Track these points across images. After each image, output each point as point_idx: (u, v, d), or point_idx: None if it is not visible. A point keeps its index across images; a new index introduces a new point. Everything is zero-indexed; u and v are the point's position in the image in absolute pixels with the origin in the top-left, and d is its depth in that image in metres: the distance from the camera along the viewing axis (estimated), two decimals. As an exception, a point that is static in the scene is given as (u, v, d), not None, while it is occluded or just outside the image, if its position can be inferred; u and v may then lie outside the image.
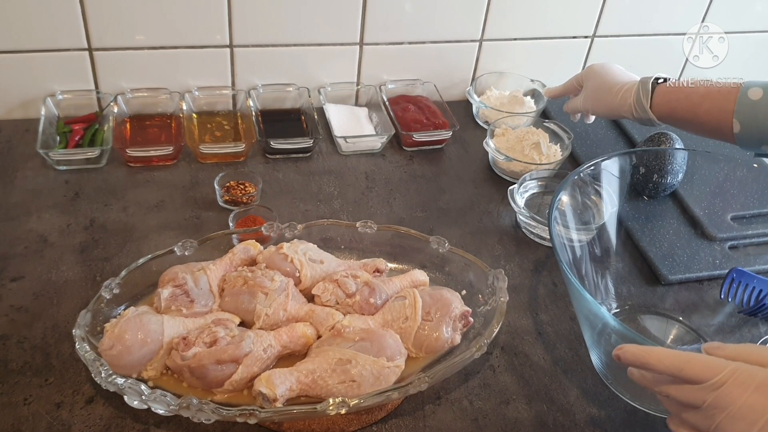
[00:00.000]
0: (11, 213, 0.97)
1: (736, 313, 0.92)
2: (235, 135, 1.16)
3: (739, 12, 1.39)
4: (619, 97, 1.00)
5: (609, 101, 1.02)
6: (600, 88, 1.04)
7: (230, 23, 1.13)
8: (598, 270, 0.95)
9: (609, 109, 1.04)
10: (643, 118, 0.99)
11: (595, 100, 1.06)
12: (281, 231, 0.90)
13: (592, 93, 1.06)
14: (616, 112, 1.03)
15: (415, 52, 1.26)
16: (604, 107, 1.05)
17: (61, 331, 0.81)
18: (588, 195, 0.97)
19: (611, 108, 1.03)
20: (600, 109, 1.06)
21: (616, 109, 1.02)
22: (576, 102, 1.11)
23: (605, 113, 1.06)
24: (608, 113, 1.05)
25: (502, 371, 0.84)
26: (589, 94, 1.07)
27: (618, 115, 1.03)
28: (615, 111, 1.02)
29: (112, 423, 0.73)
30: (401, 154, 1.19)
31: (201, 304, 0.79)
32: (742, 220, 1.06)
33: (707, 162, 1.04)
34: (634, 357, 0.60)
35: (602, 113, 1.07)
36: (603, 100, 1.04)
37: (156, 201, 1.02)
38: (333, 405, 0.70)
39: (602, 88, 1.04)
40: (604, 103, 1.04)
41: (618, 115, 1.03)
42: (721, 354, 0.59)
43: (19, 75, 1.10)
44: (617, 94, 1.01)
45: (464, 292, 0.87)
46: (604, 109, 1.05)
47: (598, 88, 1.05)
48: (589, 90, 1.07)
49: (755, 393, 0.54)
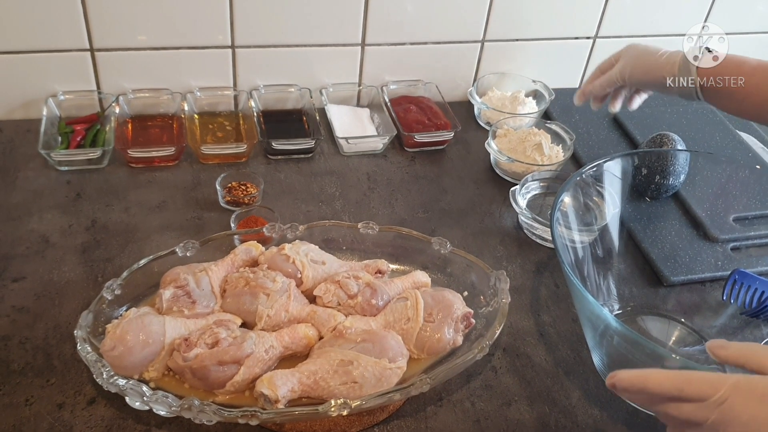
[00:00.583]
0: (13, 213, 0.97)
1: (738, 315, 0.92)
2: (236, 136, 1.16)
3: (741, 12, 1.39)
4: (664, 58, 0.95)
5: (652, 61, 0.96)
6: (642, 52, 0.99)
7: (232, 24, 1.13)
8: (600, 271, 0.94)
9: (649, 71, 0.97)
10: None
11: (634, 64, 0.99)
12: (283, 232, 0.90)
13: (633, 58, 0.99)
14: (657, 74, 0.95)
15: (416, 53, 1.26)
16: (643, 69, 0.97)
17: (62, 332, 0.81)
18: (590, 196, 0.97)
19: (653, 68, 0.96)
20: (639, 71, 0.98)
21: (659, 69, 0.95)
22: (611, 74, 1.02)
23: (643, 76, 0.98)
24: (647, 75, 0.97)
25: (504, 372, 0.84)
26: (628, 60, 1.00)
27: (658, 77, 0.95)
28: (657, 71, 0.95)
29: (113, 424, 0.73)
30: (403, 154, 1.19)
31: (203, 305, 0.79)
32: (745, 222, 1.06)
33: (709, 163, 1.04)
34: (630, 383, 0.57)
35: (640, 76, 0.99)
36: (645, 61, 0.97)
37: (158, 202, 1.02)
38: (335, 406, 0.70)
39: (645, 51, 0.98)
40: (646, 64, 0.97)
41: (658, 77, 0.95)
42: (725, 353, 0.58)
43: (21, 75, 1.10)
44: (662, 56, 0.95)
45: (466, 293, 0.87)
46: (644, 68, 0.97)
47: (640, 53, 0.99)
48: (629, 57, 1.00)
49: (760, 404, 0.52)
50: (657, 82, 0.96)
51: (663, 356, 0.70)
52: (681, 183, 1.07)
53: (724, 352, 0.58)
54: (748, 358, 0.57)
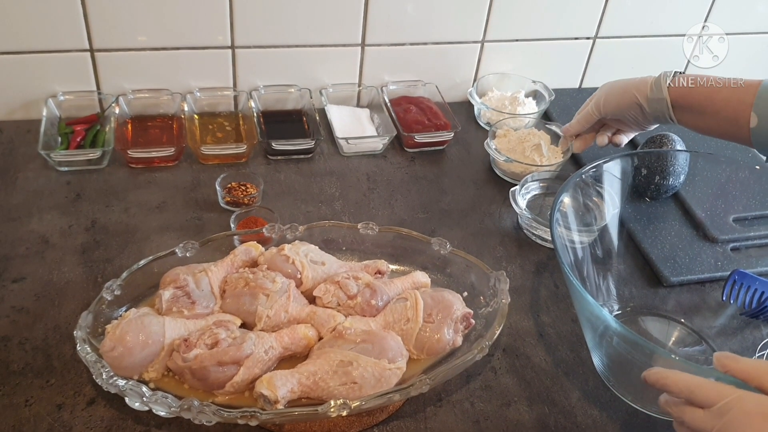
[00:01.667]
0: (12, 214, 0.97)
1: (738, 315, 0.92)
2: (236, 136, 1.16)
3: (741, 13, 1.39)
4: (637, 80, 0.97)
5: (623, 84, 0.99)
6: (616, 83, 1.02)
7: (232, 24, 1.13)
8: (600, 272, 0.94)
9: (622, 92, 0.99)
10: (656, 99, 0.94)
11: (608, 92, 1.02)
12: (282, 232, 0.90)
13: (607, 88, 1.02)
14: (627, 95, 0.98)
15: (416, 54, 1.26)
16: (617, 91, 1.00)
17: (62, 333, 0.81)
18: (590, 196, 0.97)
19: (625, 89, 0.98)
20: (613, 95, 1.01)
21: (631, 89, 0.97)
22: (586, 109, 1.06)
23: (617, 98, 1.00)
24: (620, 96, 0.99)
25: (504, 373, 0.84)
26: (602, 92, 1.03)
27: (628, 98, 0.98)
28: (627, 92, 0.98)
29: (113, 425, 0.73)
30: (403, 155, 1.19)
31: (202, 306, 0.79)
32: (744, 222, 1.06)
33: (709, 164, 1.04)
34: (655, 378, 0.63)
35: (614, 99, 1.01)
36: (617, 86, 1.00)
37: (157, 202, 1.02)
38: (334, 407, 0.70)
39: (619, 82, 1.02)
40: (617, 87, 1.00)
41: (628, 98, 0.98)
42: (735, 366, 0.60)
43: (21, 76, 1.10)
44: (635, 79, 0.98)
45: (466, 293, 0.87)
46: (617, 94, 1.00)
47: (613, 84, 1.02)
48: (604, 89, 1.03)
49: (762, 421, 0.54)
50: (630, 105, 0.98)
51: (662, 357, 0.70)
52: (681, 183, 1.07)
53: (735, 365, 0.60)
54: (759, 377, 0.58)
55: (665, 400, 0.64)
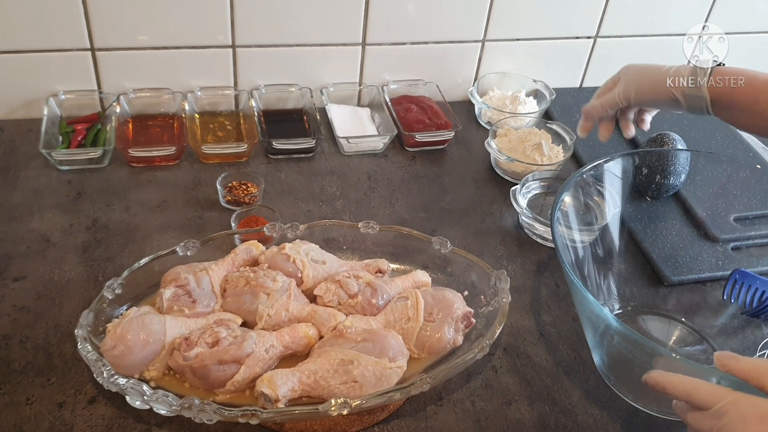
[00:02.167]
0: (14, 213, 0.97)
1: (738, 315, 0.92)
2: (237, 135, 1.16)
3: (741, 12, 1.39)
4: (670, 72, 0.91)
5: (656, 77, 0.93)
6: (645, 70, 0.95)
7: (233, 23, 1.13)
8: (601, 271, 0.94)
9: (656, 88, 0.93)
10: (694, 95, 0.89)
11: (638, 82, 0.95)
12: (283, 231, 0.90)
13: (635, 76, 0.96)
14: (663, 92, 0.92)
15: (417, 53, 1.26)
16: (649, 86, 0.94)
17: (63, 331, 0.81)
18: (590, 196, 0.97)
19: (658, 84, 0.92)
20: (645, 87, 0.94)
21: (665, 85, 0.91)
22: (612, 95, 0.99)
23: (650, 91, 0.94)
24: (654, 91, 0.93)
25: (505, 372, 0.84)
26: (630, 79, 0.96)
27: (665, 94, 0.92)
28: (663, 89, 0.92)
29: (114, 423, 0.73)
30: (403, 154, 1.19)
31: (203, 305, 0.79)
32: (745, 221, 1.06)
33: (710, 163, 1.04)
34: (655, 381, 0.63)
35: (647, 92, 0.95)
36: (650, 79, 0.94)
37: (158, 201, 1.02)
38: (335, 406, 0.70)
39: (648, 69, 0.95)
40: (651, 81, 0.93)
41: (665, 94, 0.92)
42: (735, 365, 0.60)
43: (22, 75, 1.10)
44: (668, 71, 0.92)
45: (466, 292, 0.87)
46: (650, 86, 0.94)
47: (641, 71, 0.96)
48: (631, 76, 0.97)
49: (758, 424, 0.55)
50: (665, 100, 0.93)
51: (663, 356, 0.70)
52: (682, 182, 1.07)
53: (735, 364, 0.60)
54: (759, 376, 0.58)
55: (675, 402, 0.64)
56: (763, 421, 0.55)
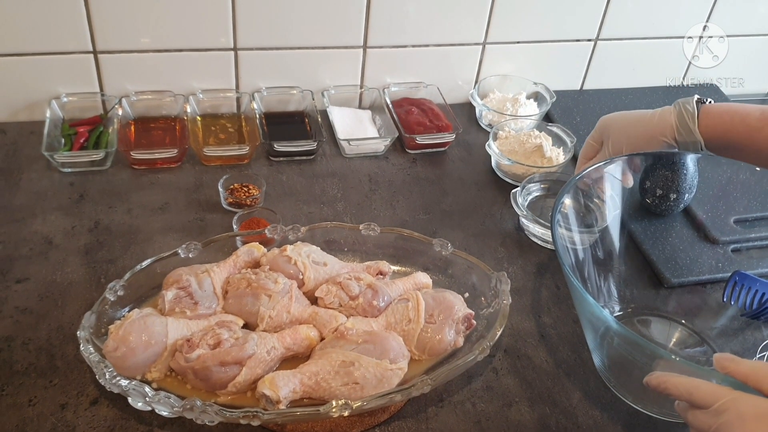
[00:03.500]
0: (16, 215, 0.97)
1: (738, 316, 0.92)
2: (239, 137, 1.16)
3: (741, 14, 1.39)
4: (656, 121, 0.90)
5: (644, 130, 0.92)
6: (628, 124, 0.94)
7: (234, 26, 1.14)
8: (601, 273, 0.95)
9: (649, 138, 0.91)
10: (687, 141, 0.89)
11: (628, 138, 0.93)
12: (285, 233, 0.90)
13: (621, 133, 0.94)
14: (654, 140, 0.91)
15: (418, 55, 1.27)
16: (639, 138, 0.92)
17: (65, 333, 0.82)
18: (591, 198, 0.97)
19: (648, 136, 0.91)
20: (637, 142, 0.93)
21: (656, 135, 0.91)
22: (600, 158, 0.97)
23: (644, 144, 0.93)
24: (647, 143, 0.92)
25: (505, 374, 0.85)
26: (618, 138, 0.94)
27: (657, 143, 0.91)
28: (653, 138, 0.91)
29: (116, 424, 0.73)
30: (404, 156, 1.19)
31: (205, 306, 0.79)
32: (745, 224, 1.06)
33: (710, 165, 1.04)
34: (656, 382, 0.64)
35: (638, 147, 0.93)
36: (636, 131, 0.93)
37: (160, 203, 1.02)
38: (336, 407, 0.70)
39: (630, 122, 0.94)
40: (639, 133, 0.92)
41: (657, 143, 0.91)
42: (734, 368, 0.60)
43: (25, 77, 1.11)
44: (652, 119, 0.91)
45: (467, 294, 0.87)
46: (643, 140, 0.92)
47: (625, 125, 0.94)
48: (615, 132, 0.95)
49: (756, 422, 0.55)
50: (658, 148, 0.93)
51: (663, 357, 0.71)
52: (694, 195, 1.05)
53: (734, 366, 0.60)
54: (758, 380, 0.59)
55: (677, 403, 0.65)
56: (760, 420, 0.55)
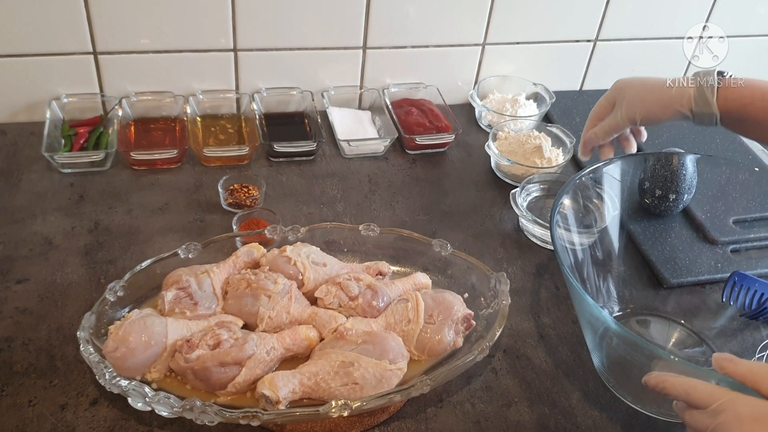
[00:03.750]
0: (16, 215, 0.97)
1: (737, 317, 0.92)
2: (239, 138, 1.17)
3: (741, 15, 1.40)
4: (674, 90, 0.87)
5: (660, 97, 0.88)
6: (644, 88, 0.91)
7: (234, 27, 1.14)
8: (600, 273, 0.95)
9: (664, 107, 0.88)
10: (704, 113, 0.86)
11: (642, 103, 0.90)
12: (284, 234, 0.90)
13: (637, 97, 0.92)
14: (669, 109, 0.88)
15: (418, 56, 1.27)
16: (657, 106, 0.89)
17: (65, 333, 0.82)
18: (590, 198, 0.97)
19: (664, 103, 0.88)
20: (652, 110, 0.90)
21: (672, 104, 0.87)
22: (615, 120, 0.94)
23: (659, 113, 0.90)
24: (662, 112, 0.89)
25: (504, 374, 0.85)
26: (632, 101, 0.92)
27: (671, 112, 0.88)
28: (669, 107, 0.88)
29: (116, 425, 0.73)
30: (404, 157, 1.19)
31: (204, 307, 0.79)
32: (744, 224, 1.06)
33: (709, 165, 1.04)
34: (655, 382, 0.64)
35: (655, 116, 0.90)
36: (653, 97, 0.89)
37: (160, 204, 1.03)
38: (335, 407, 0.70)
39: (647, 87, 0.91)
40: (654, 100, 0.89)
41: (671, 112, 0.88)
42: (733, 368, 0.60)
43: (25, 78, 1.11)
44: (670, 89, 0.88)
45: (467, 295, 0.87)
46: (658, 108, 0.89)
47: (641, 90, 0.92)
48: (630, 96, 0.92)
49: (753, 424, 0.55)
50: (672, 118, 0.89)
51: (662, 358, 0.71)
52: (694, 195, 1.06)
53: (733, 367, 0.60)
54: (756, 380, 0.59)
55: (675, 403, 0.65)
56: (758, 421, 0.55)
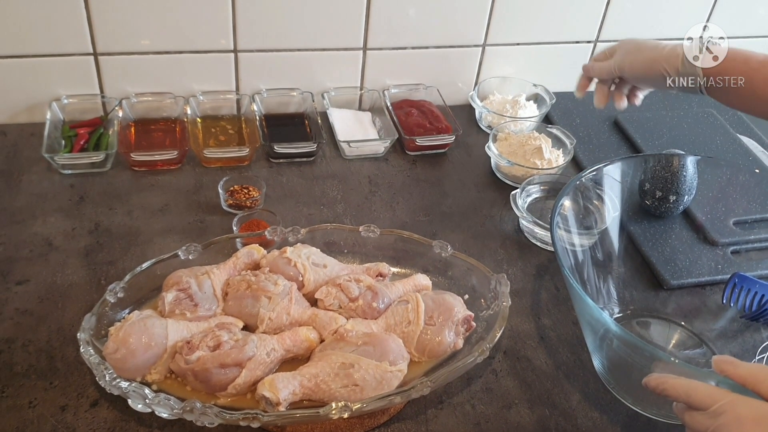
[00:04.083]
0: (17, 216, 0.97)
1: (738, 318, 0.92)
2: (239, 139, 1.17)
3: (742, 16, 1.40)
4: (666, 50, 0.92)
5: (651, 54, 0.93)
6: (642, 45, 0.96)
7: (234, 28, 1.14)
8: (600, 274, 0.95)
9: (651, 62, 0.93)
10: (688, 73, 0.90)
11: (634, 57, 0.95)
12: (285, 235, 0.90)
13: (632, 50, 0.96)
14: (658, 66, 0.92)
15: (418, 57, 1.27)
16: (644, 60, 0.94)
17: (65, 335, 0.82)
18: (590, 200, 0.97)
19: (654, 60, 0.92)
20: (639, 63, 0.95)
21: (659, 61, 0.92)
22: (607, 64, 0.99)
23: (644, 67, 0.94)
24: (648, 67, 0.94)
25: (505, 375, 0.85)
26: (626, 53, 0.97)
27: (657, 69, 0.92)
28: (656, 63, 0.92)
29: (116, 426, 0.73)
30: (404, 158, 1.19)
31: (205, 308, 0.79)
32: (745, 225, 1.06)
33: (709, 167, 1.04)
34: (655, 384, 0.64)
35: (640, 68, 0.95)
36: (645, 55, 0.94)
37: (160, 205, 1.03)
38: (336, 409, 0.70)
39: (642, 46, 0.96)
40: (646, 56, 0.94)
41: (657, 69, 0.92)
42: (733, 371, 0.60)
43: (25, 79, 1.11)
44: (663, 49, 0.92)
45: (467, 296, 0.87)
46: (644, 63, 0.94)
47: (639, 46, 0.96)
48: (626, 49, 0.97)
49: (754, 425, 0.55)
50: (657, 77, 0.93)
51: (662, 359, 0.71)
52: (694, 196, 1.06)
53: (733, 369, 0.60)
54: (756, 382, 0.59)
55: (675, 404, 0.65)
56: (758, 423, 0.55)
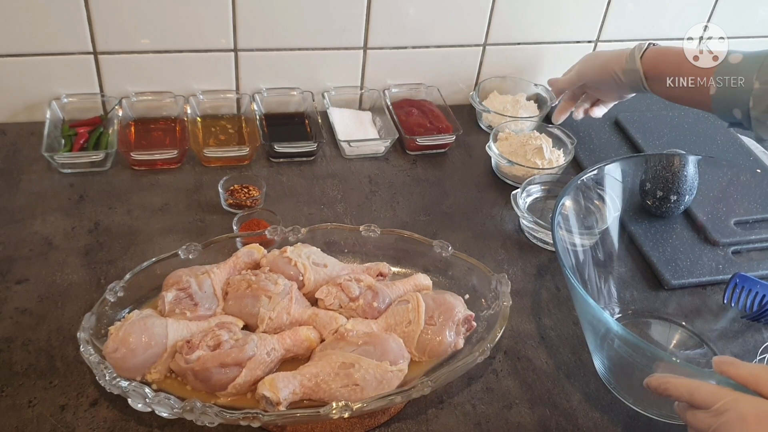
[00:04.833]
0: (16, 216, 0.97)
1: (739, 319, 0.92)
2: (239, 139, 1.16)
3: (742, 16, 1.40)
4: (615, 54, 1.05)
5: (602, 60, 1.08)
6: (598, 53, 1.14)
7: (235, 27, 1.14)
8: (601, 274, 0.95)
9: (604, 64, 1.07)
10: (631, 70, 1.02)
11: (588, 63, 1.13)
12: (285, 234, 0.90)
13: (590, 57, 1.14)
14: (606, 69, 1.07)
15: (418, 57, 1.27)
16: (599, 64, 1.09)
17: (65, 334, 0.82)
18: (591, 199, 0.97)
19: (606, 61, 1.07)
20: (595, 67, 1.10)
21: (610, 64, 1.06)
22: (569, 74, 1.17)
23: (599, 71, 1.09)
24: (602, 70, 1.08)
25: (505, 375, 0.84)
26: (583, 62, 1.15)
27: (607, 72, 1.06)
28: (606, 66, 1.06)
29: (116, 426, 0.73)
30: (405, 158, 1.19)
31: (205, 308, 0.79)
32: (746, 225, 1.06)
33: (710, 167, 1.04)
34: (657, 384, 0.64)
35: (596, 72, 1.10)
36: (600, 58, 1.10)
37: (160, 204, 1.02)
38: (336, 409, 0.70)
39: (600, 52, 1.13)
40: (600, 60, 1.09)
41: (607, 72, 1.06)
42: (733, 372, 0.60)
43: (25, 78, 1.11)
44: (613, 53, 1.07)
45: (467, 296, 0.87)
46: (599, 66, 1.09)
47: (595, 54, 1.14)
48: (586, 58, 1.15)
49: (757, 423, 0.56)
50: (609, 78, 1.07)
51: (664, 359, 0.71)
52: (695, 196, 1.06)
53: (734, 370, 0.61)
54: (757, 382, 0.59)
55: (676, 404, 0.65)
56: (761, 420, 0.55)
